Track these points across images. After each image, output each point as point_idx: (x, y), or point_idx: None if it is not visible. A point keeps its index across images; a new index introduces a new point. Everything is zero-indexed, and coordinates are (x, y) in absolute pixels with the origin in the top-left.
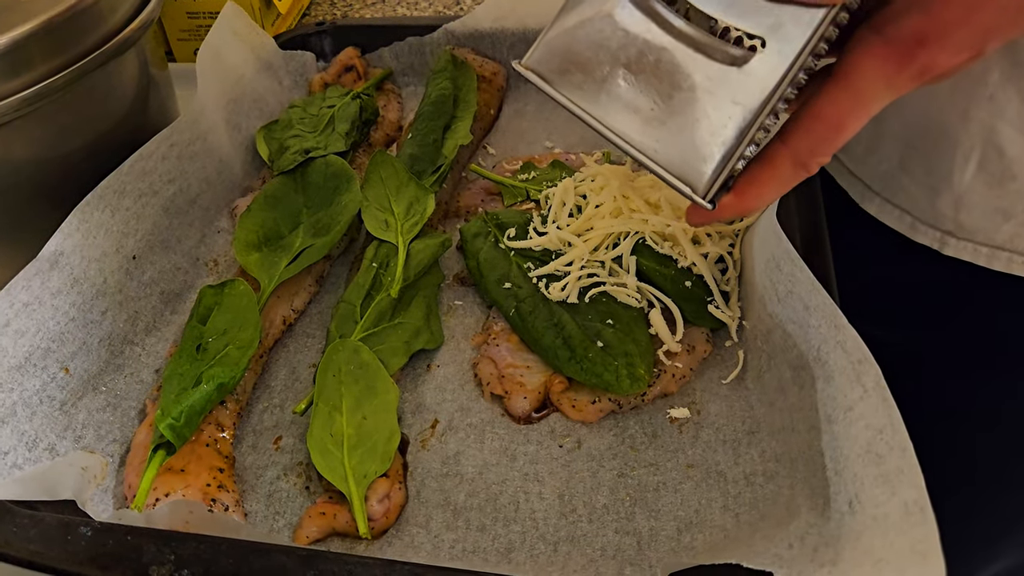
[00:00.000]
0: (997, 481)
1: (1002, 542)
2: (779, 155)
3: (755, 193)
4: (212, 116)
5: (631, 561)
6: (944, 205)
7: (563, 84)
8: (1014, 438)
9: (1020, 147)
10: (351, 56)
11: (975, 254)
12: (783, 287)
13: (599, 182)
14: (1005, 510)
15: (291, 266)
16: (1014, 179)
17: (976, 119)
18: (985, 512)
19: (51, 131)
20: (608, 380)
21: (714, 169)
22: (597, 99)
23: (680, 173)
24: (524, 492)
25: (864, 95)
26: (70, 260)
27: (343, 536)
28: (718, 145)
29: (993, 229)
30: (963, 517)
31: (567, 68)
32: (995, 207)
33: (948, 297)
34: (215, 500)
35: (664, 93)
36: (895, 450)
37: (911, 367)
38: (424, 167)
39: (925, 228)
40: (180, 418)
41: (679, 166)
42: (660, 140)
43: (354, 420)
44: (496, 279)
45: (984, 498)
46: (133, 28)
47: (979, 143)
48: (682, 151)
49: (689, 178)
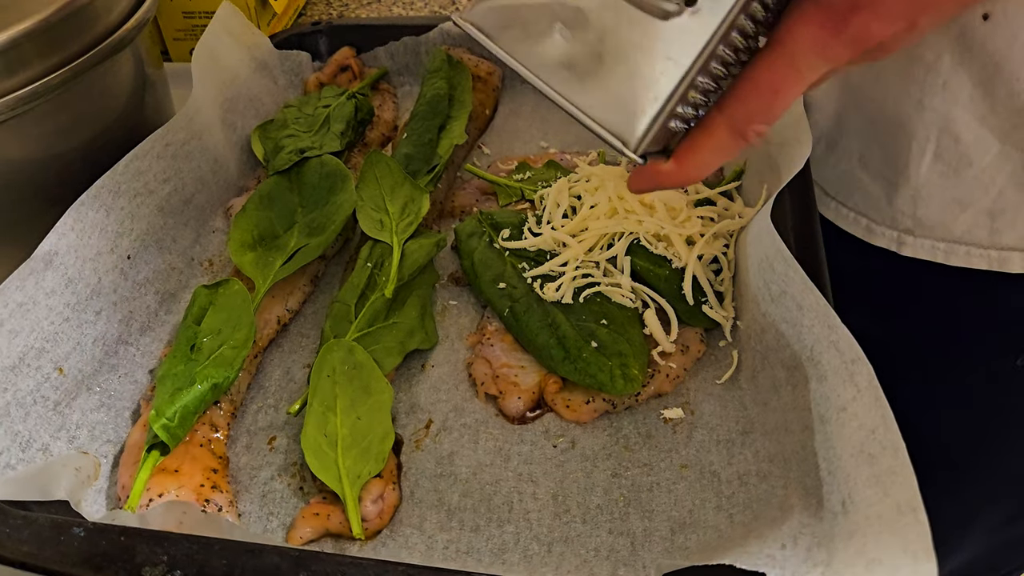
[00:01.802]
0: (958, 470)
1: (965, 532)
2: (715, 122)
3: (694, 160)
4: (207, 115)
5: (625, 562)
6: (902, 201)
7: (502, 39)
8: (976, 427)
9: (974, 133)
10: (347, 56)
11: (933, 251)
12: (776, 287)
13: (594, 182)
14: (967, 499)
15: (286, 266)
16: (970, 165)
17: (931, 108)
18: (948, 502)
19: (47, 130)
20: (602, 380)
21: (647, 124)
22: (533, 52)
23: (612, 127)
24: (518, 492)
25: (798, 61)
26: (64, 260)
27: (337, 537)
28: (650, 100)
29: (951, 220)
30: (926, 506)
31: (506, 23)
32: (952, 197)
33: (904, 291)
34: (209, 500)
35: (599, 48)
36: (888, 450)
37: (872, 356)
38: (419, 167)
39: (882, 230)
40: (174, 418)
41: (612, 121)
42: (594, 95)
43: (348, 420)
44: (490, 279)
45: (946, 487)
46: (128, 27)
47: (934, 133)
48: (615, 105)
49: (621, 132)
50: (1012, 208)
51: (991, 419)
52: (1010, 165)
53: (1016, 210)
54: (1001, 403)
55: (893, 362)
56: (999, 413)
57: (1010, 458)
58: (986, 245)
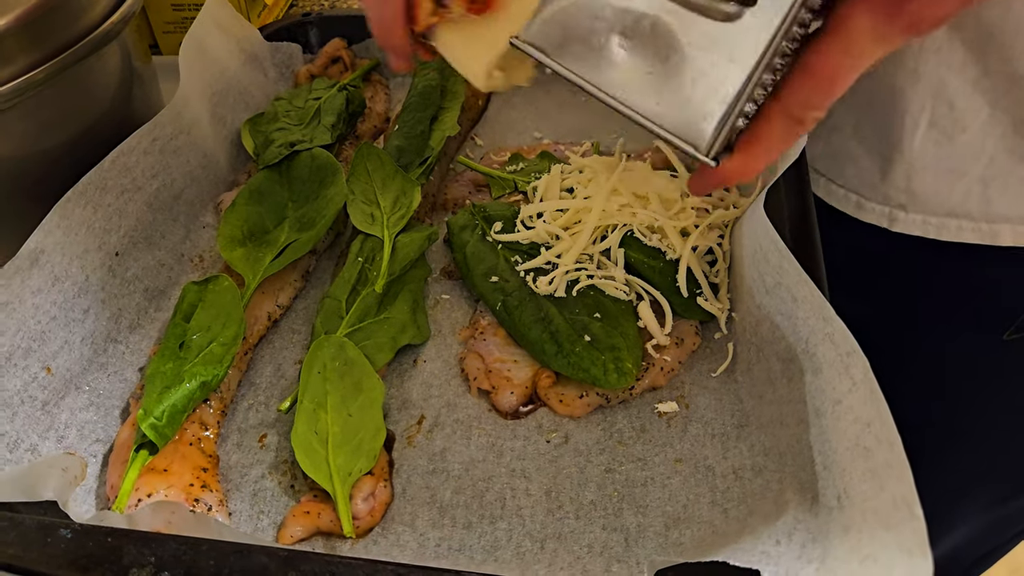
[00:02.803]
0: (944, 449)
1: (957, 509)
2: (772, 111)
3: (755, 152)
4: (196, 109)
5: (618, 558)
6: (897, 175)
7: (562, 55)
8: (962, 405)
9: (968, 97)
10: (337, 47)
11: (924, 227)
12: (771, 278)
13: (587, 174)
14: (957, 476)
15: (276, 261)
16: (964, 130)
17: (925, 75)
18: (939, 479)
19: (32, 127)
20: (595, 374)
21: (716, 126)
22: (597, 67)
23: (683, 133)
24: (511, 488)
25: (853, 48)
26: (51, 258)
27: (328, 535)
28: (718, 102)
29: (947, 191)
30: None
31: (564, 39)
32: (947, 167)
33: (895, 268)
34: (198, 500)
35: (661, 56)
36: (883, 444)
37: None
38: (411, 159)
39: (872, 206)
40: (162, 417)
41: (682, 126)
42: (661, 102)
43: (339, 417)
44: (483, 273)
45: (935, 467)
46: (114, 21)
47: (929, 101)
48: (683, 111)
49: (692, 137)
50: (1003, 174)
51: (977, 396)
52: (1000, 128)
53: (1007, 176)
54: (987, 380)
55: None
56: (985, 390)
57: (998, 436)
58: (977, 217)
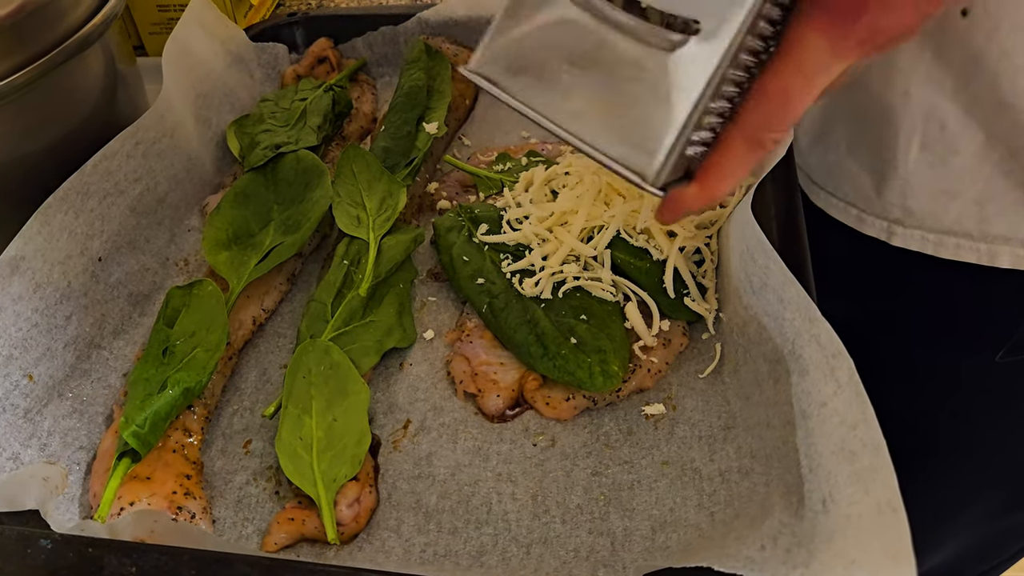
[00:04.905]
0: (941, 462)
1: (952, 524)
2: (732, 137)
3: (716, 179)
4: (179, 112)
5: (604, 563)
6: (891, 192)
7: (510, 85)
8: (956, 420)
9: (960, 122)
10: (324, 47)
11: (923, 243)
12: (757, 279)
13: (573, 176)
14: (954, 490)
15: (261, 265)
16: (956, 154)
17: (916, 97)
18: (933, 493)
19: (13, 131)
20: (581, 377)
21: (662, 157)
22: (544, 97)
23: (630, 164)
24: (497, 493)
25: (806, 66)
26: (32, 264)
27: (313, 542)
28: (665, 132)
29: (941, 212)
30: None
31: (514, 70)
32: (940, 188)
33: (894, 280)
34: (181, 508)
35: (609, 86)
36: (868, 447)
37: (857, 344)
38: (397, 160)
39: (872, 219)
40: (144, 425)
41: (628, 157)
42: (608, 133)
43: (324, 422)
44: (469, 274)
45: (932, 478)
46: (96, 23)
47: (920, 122)
48: (630, 142)
49: (639, 167)
50: (999, 196)
51: (971, 412)
52: (995, 154)
53: (1003, 198)
54: (981, 397)
55: (878, 350)
56: (979, 406)
57: (992, 451)
58: (976, 237)
